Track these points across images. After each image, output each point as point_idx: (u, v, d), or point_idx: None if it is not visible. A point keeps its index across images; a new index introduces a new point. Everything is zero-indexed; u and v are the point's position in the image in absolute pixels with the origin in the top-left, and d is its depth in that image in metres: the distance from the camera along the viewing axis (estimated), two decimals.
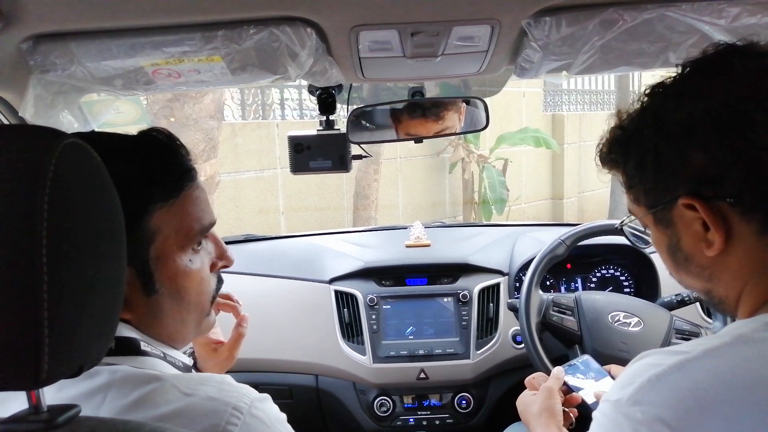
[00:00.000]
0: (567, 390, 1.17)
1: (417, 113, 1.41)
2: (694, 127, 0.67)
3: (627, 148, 0.75)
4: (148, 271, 0.74)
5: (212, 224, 0.82)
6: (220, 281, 0.87)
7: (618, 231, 1.49)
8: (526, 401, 1.16)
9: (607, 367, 1.22)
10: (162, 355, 0.75)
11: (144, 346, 0.73)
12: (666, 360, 0.63)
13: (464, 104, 1.44)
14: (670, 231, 0.73)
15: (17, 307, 0.47)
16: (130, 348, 0.71)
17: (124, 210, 0.67)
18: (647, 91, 0.74)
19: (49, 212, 0.47)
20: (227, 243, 2.12)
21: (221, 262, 0.86)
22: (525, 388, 1.67)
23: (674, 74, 0.73)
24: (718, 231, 0.66)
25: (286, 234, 2.28)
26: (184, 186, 0.77)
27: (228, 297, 1.10)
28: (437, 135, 1.44)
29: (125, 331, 0.72)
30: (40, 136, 0.49)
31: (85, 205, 0.52)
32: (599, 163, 0.82)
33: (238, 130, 5.43)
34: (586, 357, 1.26)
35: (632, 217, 0.84)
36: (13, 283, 0.46)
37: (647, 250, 1.71)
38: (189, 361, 0.82)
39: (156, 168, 0.74)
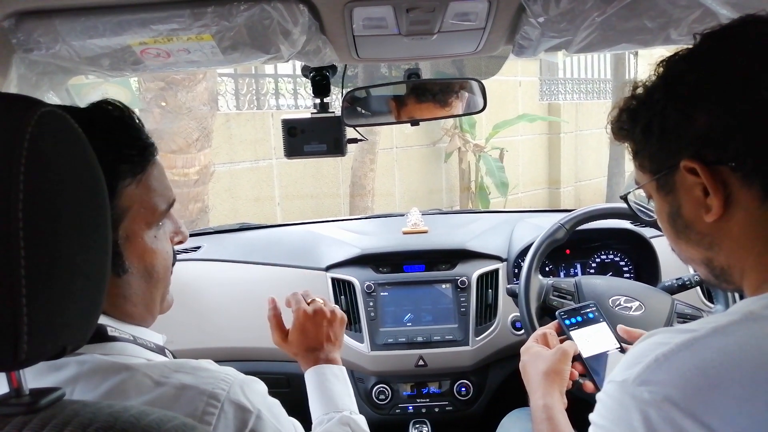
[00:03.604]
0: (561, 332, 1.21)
1: (414, 96, 1.38)
2: (703, 89, 0.66)
3: (636, 115, 0.75)
4: (118, 251, 0.72)
5: (174, 200, 0.80)
6: (174, 256, 0.85)
7: (619, 214, 1.48)
8: (535, 354, 1.15)
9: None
10: (132, 338, 0.73)
11: (111, 331, 0.70)
12: (674, 338, 0.61)
13: (464, 91, 1.42)
14: (671, 197, 0.73)
15: None
16: (97, 335, 0.67)
17: None
18: (662, 61, 0.73)
19: (25, 183, 0.44)
20: (222, 232, 2.10)
21: (177, 237, 0.85)
22: None
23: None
24: (717, 195, 0.66)
25: (283, 222, 2.26)
26: (149, 161, 0.75)
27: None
28: (434, 117, 1.42)
29: None
30: (14, 104, 0.47)
31: (65, 177, 0.49)
32: (610, 133, 0.81)
33: (233, 120, 5.39)
34: (589, 303, 1.27)
35: (637, 188, 0.83)
36: None
37: (648, 234, 1.69)
38: (161, 340, 0.80)
39: (121, 142, 0.72)
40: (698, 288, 1.59)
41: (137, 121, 0.76)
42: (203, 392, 0.64)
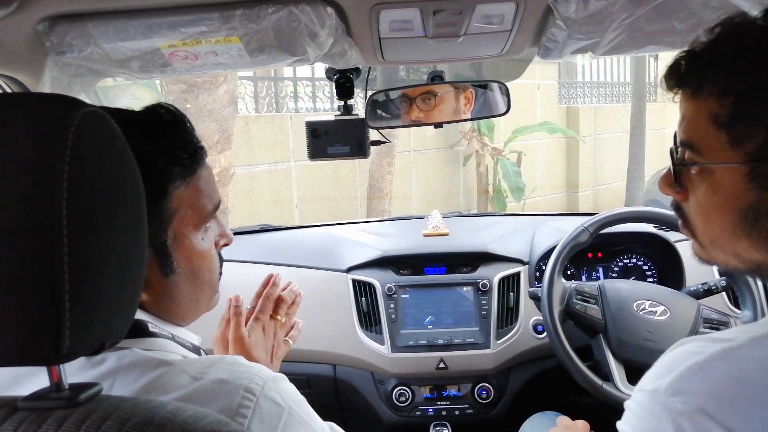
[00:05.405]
0: None
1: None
2: None
3: (755, 69, 0.59)
4: (166, 252, 0.73)
5: (220, 203, 0.82)
6: (221, 259, 0.86)
7: (643, 217, 1.47)
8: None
9: None
10: (170, 335, 0.74)
11: (152, 328, 0.71)
12: (708, 347, 0.59)
13: (486, 94, 1.41)
14: (766, 194, 0.60)
15: (37, 280, 0.45)
16: (137, 330, 0.69)
17: (145, 189, 0.66)
18: None
19: (69, 182, 0.45)
20: (243, 233, 2.11)
21: (222, 240, 0.86)
22: (546, 378, 1.65)
23: None
24: None
25: (302, 224, 2.26)
26: (199, 164, 0.77)
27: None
28: (457, 120, 1.42)
29: None
30: (59, 104, 0.48)
31: (106, 175, 0.50)
32: (670, 78, 0.66)
33: (252, 123, 5.43)
34: None
35: (704, 164, 0.64)
36: (33, 256, 0.45)
37: (672, 238, 1.67)
38: (198, 340, 0.81)
39: (174, 145, 0.73)
40: (724, 293, 1.57)
41: (189, 125, 0.77)
42: (239, 386, 0.64)
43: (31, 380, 0.64)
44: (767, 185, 0.59)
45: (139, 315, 0.71)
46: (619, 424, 0.65)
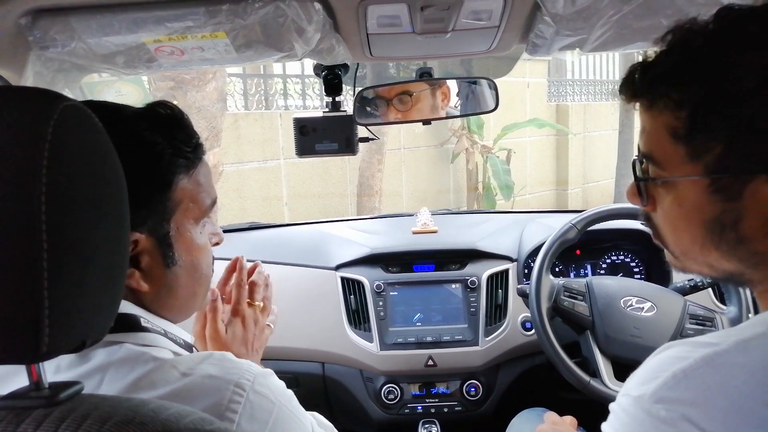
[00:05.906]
0: None
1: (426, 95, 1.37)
2: None
3: (706, 81, 0.58)
4: (169, 243, 0.74)
5: (216, 198, 0.83)
6: (212, 257, 0.87)
7: (631, 214, 1.47)
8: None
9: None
10: (163, 331, 0.74)
11: (144, 323, 0.71)
12: (693, 353, 0.57)
13: (475, 91, 1.41)
14: (729, 205, 0.59)
15: (16, 278, 0.44)
16: (130, 325, 0.69)
17: (153, 180, 0.67)
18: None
19: (48, 177, 0.44)
20: (232, 231, 2.10)
21: (214, 238, 0.87)
22: (534, 375, 1.66)
23: None
24: None
25: (292, 222, 2.25)
26: (200, 158, 0.79)
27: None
28: (446, 117, 1.42)
29: (126, 307, 0.71)
30: (39, 98, 0.47)
31: (86, 171, 0.49)
32: (624, 90, 0.65)
33: (241, 120, 5.41)
34: None
35: (664, 179, 0.64)
36: (11, 253, 0.44)
37: None
38: (190, 338, 0.81)
39: (178, 138, 0.75)
40: (710, 289, 1.58)
41: (189, 120, 0.79)
42: (229, 381, 0.64)
43: (15, 379, 0.63)
44: (729, 197, 0.59)
45: (133, 309, 0.71)
46: (603, 426, 0.64)
